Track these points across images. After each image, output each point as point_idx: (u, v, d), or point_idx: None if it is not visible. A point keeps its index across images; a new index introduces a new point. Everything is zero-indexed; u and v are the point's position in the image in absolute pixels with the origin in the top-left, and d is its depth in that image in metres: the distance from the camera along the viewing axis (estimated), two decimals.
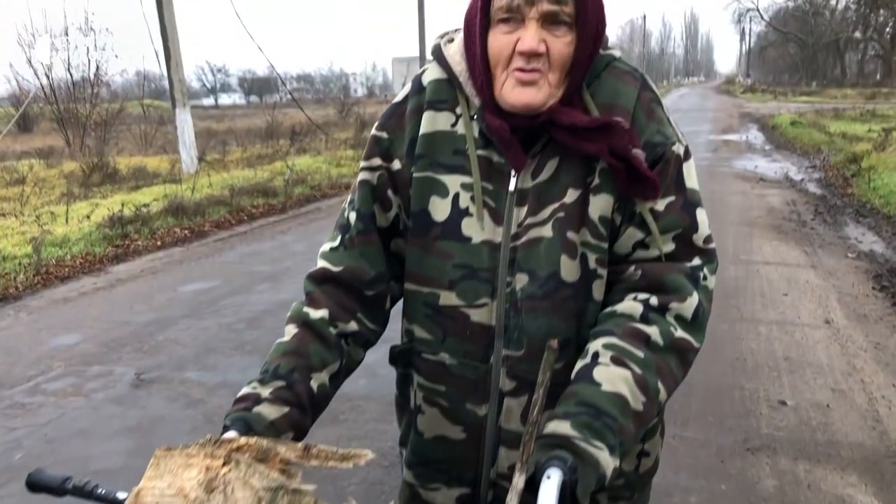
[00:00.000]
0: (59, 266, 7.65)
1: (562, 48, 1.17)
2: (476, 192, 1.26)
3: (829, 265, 6.73)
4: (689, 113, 34.54)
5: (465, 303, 1.28)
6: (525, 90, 1.18)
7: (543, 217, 1.24)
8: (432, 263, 1.30)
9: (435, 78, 1.32)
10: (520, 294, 1.25)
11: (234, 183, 12.34)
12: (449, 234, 1.28)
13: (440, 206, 1.28)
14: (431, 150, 1.29)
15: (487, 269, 1.26)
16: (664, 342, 1.19)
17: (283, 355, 1.26)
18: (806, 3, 59.42)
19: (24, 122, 34.11)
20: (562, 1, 1.15)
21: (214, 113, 57.67)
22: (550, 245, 1.23)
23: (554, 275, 1.23)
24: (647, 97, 1.27)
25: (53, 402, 4.34)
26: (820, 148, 15.62)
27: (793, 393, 4.13)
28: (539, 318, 1.25)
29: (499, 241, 1.26)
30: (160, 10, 14.40)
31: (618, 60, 1.30)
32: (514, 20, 1.17)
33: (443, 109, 1.30)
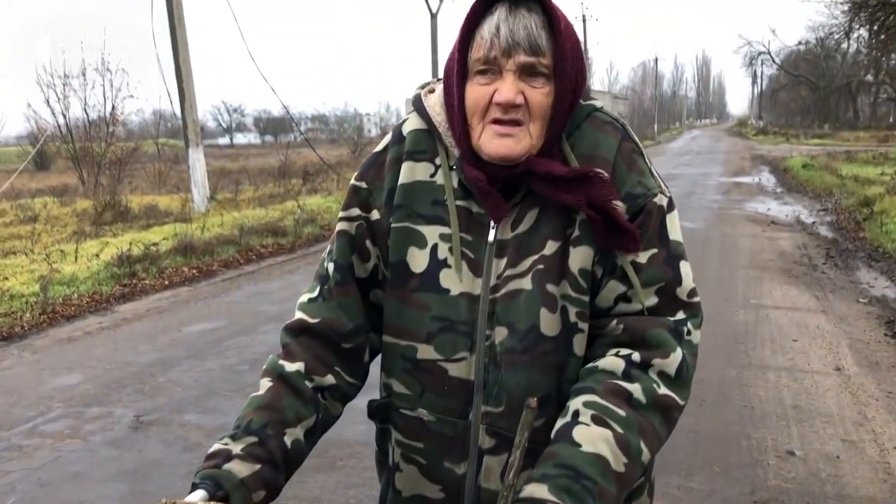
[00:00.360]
0: (66, 305, 7.66)
1: (540, 99, 1.16)
2: (454, 244, 1.24)
3: (840, 310, 6.63)
4: (701, 155, 34.62)
5: (442, 357, 1.25)
6: (503, 141, 1.17)
7: (523, 269, 1.22)
8: (410, 315, 1.27)
9: (415, 128, 1.32)
10: (499, 348, 1.22)
11: (245, 222, 12.40)
12: (427, 285, 1.26)
13: (418, 256, 1.26)
14: (410, 201, 1.28)
15: (466, 322, 1.23)
16: (647, 400, 1.16)
17: (256, 410, 1.23)
18: (817, 47, 59.73)
19: (42, 160, 34.64)
20: (539, 52, 1.15)
21: (229, 152, 58.38)
22: (530, 298, 1.21)
23: (533, 328, 1.20)
24: (627, 147, 1.26)
25: (50, 445, 4.30)
26: (832, 191, 15.56)
27: (802, 443, 4.03)
28: (519, 373, 1.21)
29: (478, 293, 1.23)
30: (175, 51, 14.65)
31: (598, 111, 1.29)
32: (492, 72, 1.17)
33: (422, 160, 1.29)
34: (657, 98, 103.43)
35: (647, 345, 1.18)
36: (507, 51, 1.14)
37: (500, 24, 1.14)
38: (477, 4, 1.18)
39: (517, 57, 1.14)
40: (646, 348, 1.18)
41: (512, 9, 1.15)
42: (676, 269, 1.22)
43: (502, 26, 1.14)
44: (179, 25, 14.58)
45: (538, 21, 1.15)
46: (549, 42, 1.15)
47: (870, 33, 37.38)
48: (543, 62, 1.15)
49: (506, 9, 1.15)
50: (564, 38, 1.16)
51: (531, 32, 1.14)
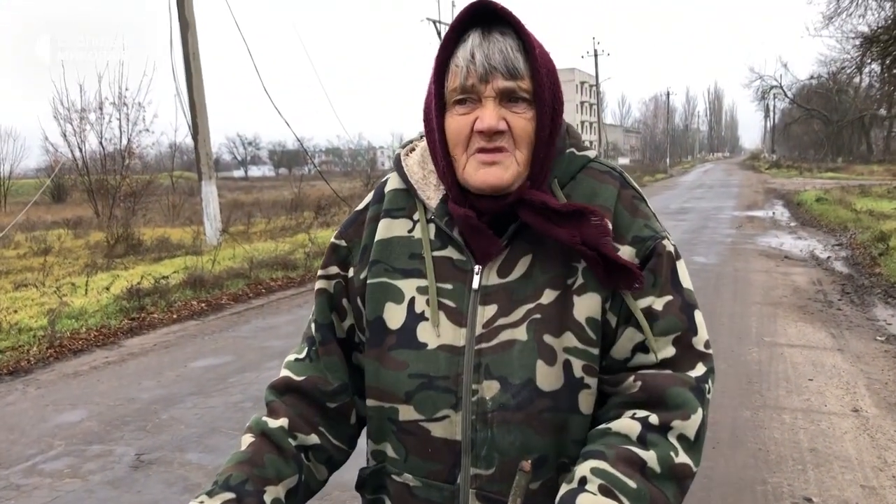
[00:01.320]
0: (74, 339, 7.64)
1: (524, 124, 1.12)
2: (431, 294, 1.18)
3: (856, 349, 6.49)
4: (714, 188, 34.54)
5: (423, 416, 1.17)
6: (490, 170, 1.12)
7: (517, 318, 1.14)
8: (388, 376, 1.20)
9: (395, 188, 1.29)
10: (490, 404, 1.13)
11: (255, 255, 12.40)
12: (403, 341, 1.19)
13: (395, 312, 1.21)
14: (387, 256, 1.24)
15: (446, 377, 1.15)
16: (662, 469, 1.07)
17: (236, 465, 1.18)
18: (829, 81, 59.78)
19: (58, 192, 35.01)
20: (517, 76, 1.10)
21: (243, 184, 58.92)
22: (525, 349, 1.13)
23: (529, 383, 1.12)
24: (628, 194, 1.22)
25: (49, 484, 4.22)
26: (846, 225, 15.41)
27: (819, 489, 3.89)
28: (512, 432, 1.13)
29: (461, 343, 1.16)
30: (189, 85, 14.81)
31: (594, 161, 1.25)
32: (471, 100, 1.12)
33: (400, 216, 1.26)
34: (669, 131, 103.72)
35: (667, 405, 1.11)
36: (485, 76, 1.10)
37: (475, 49, 1.10)
38: (450, 33, 1.14)
39: (495, 82, 1.10)
40: (665, 409, 1.10)
41: (485, 34, 1.11)
42: (692, 318, 1.16)
43: (477, 52, 1.10)
44: (194, 59, 14.76)
45: (513, 44, 1.11)
46: (526, 65, 1.11)
47: (882, 67, 37.38)
48: (523, 86, 1.11)
49: (479, 34, 1.11)
50: (539, 62, 1.11)
51: (507, 56, 1.10)
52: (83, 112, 24.25)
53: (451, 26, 1.14)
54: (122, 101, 23.67)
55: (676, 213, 20.70)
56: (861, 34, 32.87)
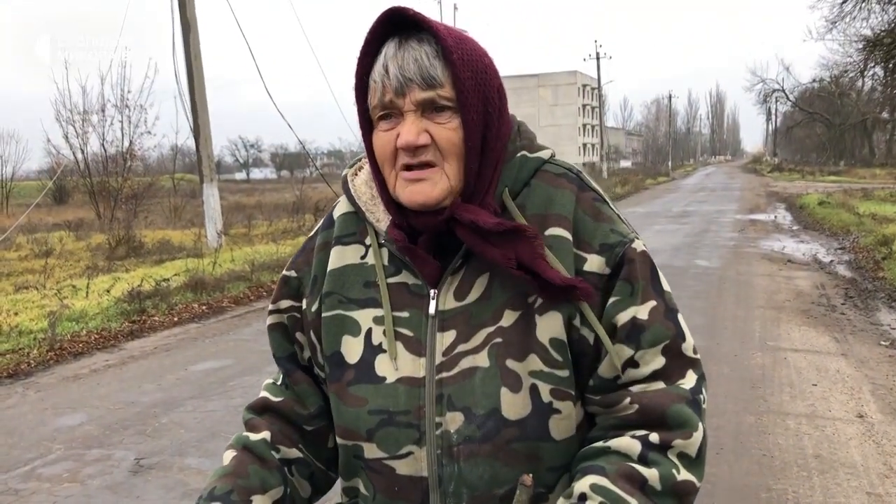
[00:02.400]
0: (74, 342, 7.61)
1: (448, 135, 1.05)
2: (387, 325, 1.12)
3: (860, 353, 6.45)
4: (716, 192, 34.52)
5: (387, 454, 1.11)
6: (417, 187, 1.07)
7: (476, 343, 1.08)
8: (348, 413, 1.14)
9: (344, 212, 1.24)
10: (455, 437, 1.07)
11: (256, 258, 12.38)
12: (362, 376, 1.13)
13: (352, 345, 1.15)
14: (340, 286, 1.17)
15: (406, 412, 1.09)
16: (663, 487, 1.04)
17: (220, 478, 1.17)
18: (832, 85, 59.77)
19: (60, 194, 35.05)
20: (435, 84, 1.04)
21: (245, 187, 58.96)
22: (487, 377, 1.07)
23: (494, 412, 1.06)
24: (587, 198, 1.15)
25: (47, 489, 4.20)
26: (849, 229, 15.36)
27: (825, 496, 3.85)
28: (480, 466, 1.07)
29: (421, 374, 1.10)
30: (191, 86, 14.80)
31: (548, 163, 1.17)
32: (393, 115, 1.07)
33: (351, 242, 1.20)
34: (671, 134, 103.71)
35: (667, 424, 1.06)
36: (400, 89, 1.04)
37: (388, 62, 1.05)
38: (364, 46, 1.08)
39: (412, 94, 1.04)
40: (665, 429, 1.06)
41: (401, 43, 1.05)
42: (677, 324, 1.12)
43: (390, 64, 1.04)
44: (196, 61, 14.75)
45: (430, 51, 1.05)
46: (447, 72, 1.04)
47: (885, 71, 37.38)
48: (443, 94, 1.04)
49: (394, 45, 1.06)
50: (460, 66, 1.04)
51: (423, 64, 1.04)
52: (85, 114, 24.33)
53: (365, 38, 1.08)
54: (125, 102, 23.80)
55: (679, 217, 20.67)
56: (864, 38, 32.86)
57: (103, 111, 24.16)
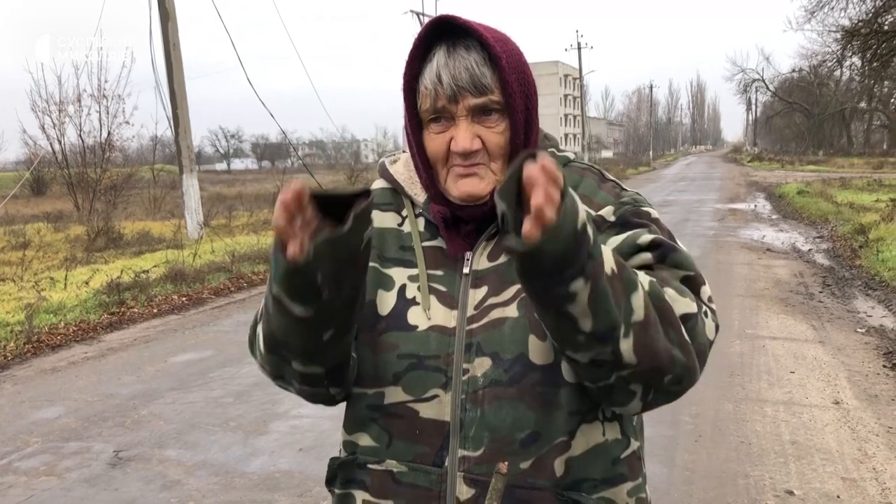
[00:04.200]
0: (52, 334, 7.54)
1: (497, 139, 1.13)
2: (422, 281, 1.19)
3: (837, 341, 6.52)
4: (696, 181, 34.71)
5: (412, 397, 1.15)
6: (467, 181, 1.15)
7: (507, 297, 1.15)
8: (378, 360, 1.19)
9: (381, 186, 1.32)
10: (481, 381, 1.12)
11: (237, 249, 12.30)
12: (394, 325, 1.19)
13: (386, 298, 1.21)
14: (378, 245, 1.24)
15: (436, 357, 1.15)
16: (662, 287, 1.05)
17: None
18: (811, 75, 60.22)
19: (38, 185, 34.62)
20: (486, 91, 1.11)
21: (226, 178, 58.55)
22: (516, 325, 1.13)
23: (521, 357, 1.12)
24: (608, 185, 1.27)
25: (24, 482, 4.16)
26: (827, 218, 15.52)
27: (800, 481, 3.90)
28: (504, 408, 1.11)
29: (452, 325, 1.16)
30: (170, 77, 14.65)
31: (573, 162, 1.30)
32: (445, 118, 1.14)
33: (389, 210, 1.28)
34: (652, 124, 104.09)
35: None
36: (454, 97, 1.10)
37: (441, 70, 1.10)
38: (414, 51, 1.14)
39: (465, 101, 1.11)
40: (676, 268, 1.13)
41: (450, 51, 1.11)
42: (699, 273, 1.15)
43: (443, 73, 1.10)
44: (175, 50, 14.60)
45: (479, 58, 1.11)
46: (495, 77, 1.11)
47: (862, 61, 37.69)
48: (494, 99, 1.12)
49: (444, 52, 1.12)
50: (508, 71, 1.11)
51: (474, 73, 1.10)
52: (62, 104, 23.99)
53: (414, 44, 1.13)
54: (102, 93, 23.46)
55: (659, 206, 20.75)
56: (842, 28, 33.11)
57: (80, 101, 23.85)
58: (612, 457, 1.18)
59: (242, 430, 4.79)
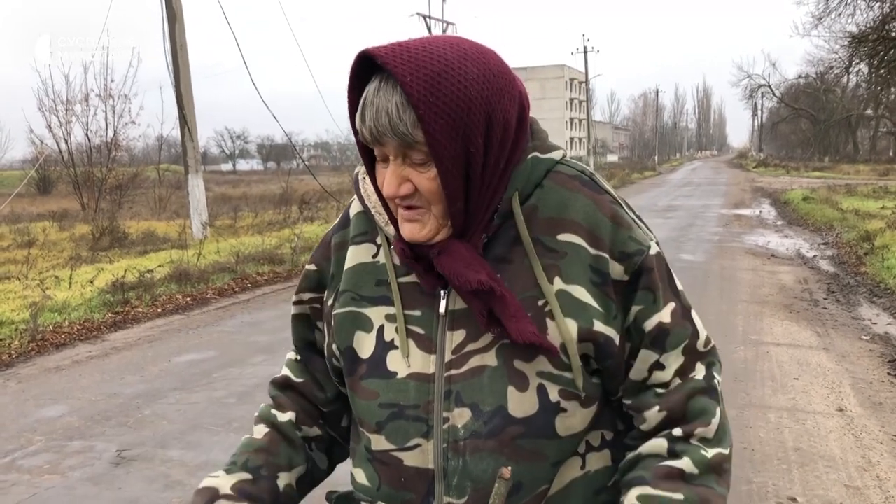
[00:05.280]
0: (56, 332, 7.56)
1: (427, 184, 1.04)
2: (399, 322, 1.14)
3: (842, 348, 6.51)
4: (702, 186, 34.67)
5: (395, 446, 1.14)
6: (408, 227, 1.09)
7: (485, 342, 1.10)
8: (361, 406, 1.18)
9: (357, 211, 1.26)
10: (462, 432, 1.10)
11: (242, 249, 12.32)
12: (373, 371, 1.16)
13: (365, 341, 1.17)
14: (354, 284, 1.20)
15: (417, 406, 1.12)
16: (699, 469, 1.09)
17: (253, 451, 1.26)
18: (817, 81, 60.13)
19: (44, 184, 34.74)
20: (408, 137, 1.00)
21: (231, 178, 58.66)
22: (495, 375, 1.09)
23: (500, 410, 1.08)
24: (604, 202, 1.14)
25: (27, 481, 4.17)
26: (832, 224, 15.48)
27: (804, 489, 3.89)
28: (485, 460, 1.10)
29: (431, 371, 1.12)
30: (176, 78, 14.69)
31: (561, 164, 1.16)
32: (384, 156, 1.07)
33: (363, 242, 1.22)
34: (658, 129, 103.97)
35: (688, 417, 1.13)
36: (377, 139, 1.02)
37: (366, 109, 1.01)
38: (349, 83, 1.04)
39: (388, 145, 1.02)
40: (686, 421, 1.12)
41: (379, 87, 1.00)
42: (692, 322, 1.16)
43: (366, 113, 1.01)
44: (182, 51, 14.64)
45: (402, 101, 0.98)
46: (418, 123, 0.99)
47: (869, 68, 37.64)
48: (418, 145, 1.01)
49: (374, 87, 1.01)
50: (429, 119, 0.97)
51: (393, 119, 0.99)
52: (69, 104, 24.05)
53: (348, 77, 1.04)
54: (108, 92, 23.53)
55: (664, 211, 20.75)
56: (849, 34, 33.06)
57: (87, 101, 23.92)
58: (594, 488, 1.17)
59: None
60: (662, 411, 1.13)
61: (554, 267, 1.09)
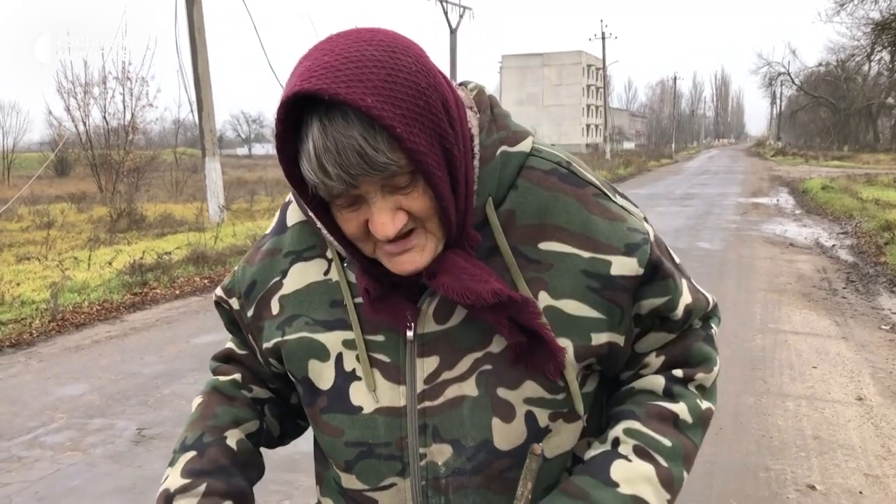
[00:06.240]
0: (76, 313, 7.63)
1: (419, 204, 0.89)
2: (360, 352, 1.01)
3: (861, 337, 6.46)
4: (719, 175, 34.42)
5: (368, 486, 1.04)
6: (405, 258, 0.92)
7: (463, 370, 0.98)
8: (327, 442, 1.07)
9: (298, 220, 1.10)
10: (443, 469, 1.00)
11: (258, 232, 12.36)
12: (336, 405, 1.03)
13: (322, 371, 1.04)
14: (306, 307, 1.05)
15: (387, 444, 1.01)
16: (693, 419, 1.04)
17: (189, 426, 1.13)
18: (837, 69, 59.43)
19: (62, 166, 34.99)
20: (388, 166, 0.84)
21: (247, 162, 58.84)
22: (476, 406, 0.98)
23: (485, 444, 0.98)
24: (587, 196, 1.01)
25: (50, 457, 4.22)
26: (852, 214, 15.34)
27: (822, 476, 3.88)
28: (470, 496, 1.01)
29: (402, 403, 1.00)
30: (194, 60, 14.71)
31: (532, 156, 1.02)
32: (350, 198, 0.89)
33: (312, 257, 1.07)
34: (675, 117, 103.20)
35: (690, 362, 1.07)
36: (351, 183, 0.84)
37: (321, 158, 0.82)
38: (278, 126, 0.85)
39: (366, 184, 0.86)
40: (688, 365, 1.07)
41: (325, 126, 0.82)
42: (702, 293, 1.12)
43: (326, 163, 0.83)
44: (199, 34, 14.65)
45: (364, 130, 0.82)
46: (391, 143, 0.83)
47: (892, 55, 37.13)
48: (400, 168, 0.85)
49: (318, 130, 0.82)
50: (408, 136, 0.83)
51: (365, 152, 0.82)
52: (87, 86, 24.18)
53: (276, 130, 0.85)
54: (126, 75, 23.60)
55: (681, 199, 20.63)
56: (872, 21, 32.60)
57: (105, 83, 24.03)
58: None
59: None
60: (661, 356, 1.07)
61: (538, 280, 0.98)
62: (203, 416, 1.13)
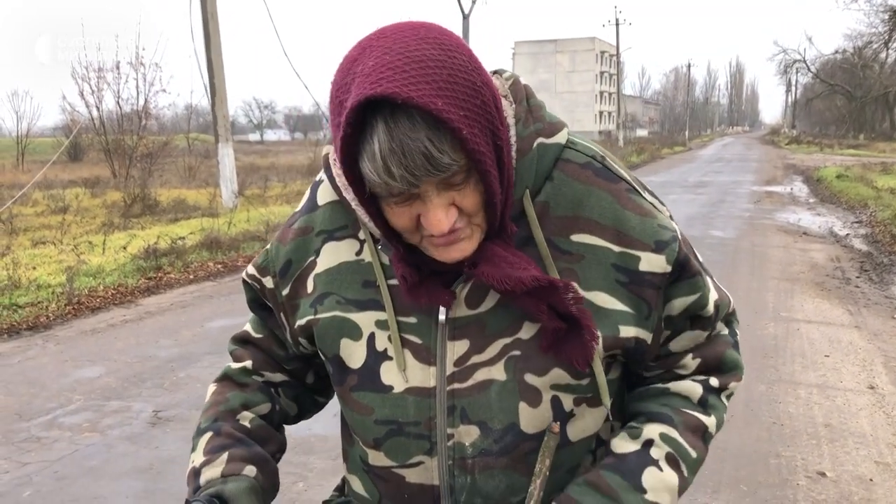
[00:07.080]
0: (91, 296, 7.71)
1: (471, 200, 0.92)
2: (392, 331, 1.04)
3: (874, 326, 6.44)
4: (732, 163, 34.21)
5: (396, 463, 1.06)
6: (452, 249, 0.95)
7: (492, 354, 1.01)
8: (354, 419, 1.10)
9: (329, 200, 1.12)
10: (470, 450, 1.03)
11: (271, 218, 12.42)
12: (366, 384, 1.06)
13: (354, 350, 1.06)
14: (338, 286, 1.08)
15: (417, 423, 1.03)
16: (715, 431, 1.12)
17: (203, 412, 1.18)
18: (854, 56, 58.80)
19: (75, 151, 35.13)
20: (450, 167, 0.86)
21: (259, 148, 58.91)
22: (504, 391, 1.01)
23: (512, 427, 1.01)
24: (620, 191, 1.04)
25: (69, 438, 4.29)
26: (867, 203, 15.22)
27: (833, 464, 3.89)
28: (496, 477, 1.03)
29: (431, 384, 1.02)
30: (207, 46, 14.73)
31: (568, 148, 1.05)
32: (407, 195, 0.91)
33: (345, 237, 1.09)
34: (689, 104, 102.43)
35: (723, 369, 1.12)
36: (414, 184, 0.87)
37: (387, 159, 0.84)
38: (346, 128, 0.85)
39: (426, 185, 0.88)
40: (722, 373, 1.12)
41: (390, 128, 0.83)
42: (723, 291, 1.15)
43: (391, 164, 0.84)
44: (212, 20, 14.67)
45: (430, 133, 0.84)
46: (454, 142, 0.85)
47: None
48: (459, 166, 0.87)
49: (384, 132, 0.83)
50: (471, 137, 0.86)
51: (431, 154, 0.84)
52: (100, 71, 24.27)
53: (343, 133, 0.85)
54: (139, 60, 23.67)
55: (695, 187, 20.53)
56: (891, 8, 32.21)
57: (118, 68, 24.13)
58: None
59: None
60: (697, 358, 1.11)
61: (570, 271, 1.00)
62: (215, 403, 1.18)
